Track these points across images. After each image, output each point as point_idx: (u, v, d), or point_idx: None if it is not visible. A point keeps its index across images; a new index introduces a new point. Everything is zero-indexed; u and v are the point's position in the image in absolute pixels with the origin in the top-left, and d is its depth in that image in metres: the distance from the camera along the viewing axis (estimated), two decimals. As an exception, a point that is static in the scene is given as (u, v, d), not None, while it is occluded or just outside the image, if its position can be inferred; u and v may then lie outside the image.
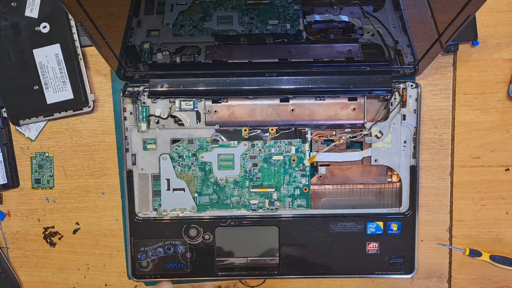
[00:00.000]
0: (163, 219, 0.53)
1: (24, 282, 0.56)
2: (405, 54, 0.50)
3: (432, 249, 0.55)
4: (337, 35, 0.52)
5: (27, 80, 0.52)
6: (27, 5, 0.52)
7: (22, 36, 0.52)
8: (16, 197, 0.56)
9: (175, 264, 0.54)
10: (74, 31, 0.52)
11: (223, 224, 0.53)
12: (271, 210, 0.54)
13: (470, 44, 0.53)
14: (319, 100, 0.53)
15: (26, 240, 0.56)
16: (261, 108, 0.53)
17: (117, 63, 0.48)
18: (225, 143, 0.53)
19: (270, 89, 0.51)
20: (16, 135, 0.55)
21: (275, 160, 0.53)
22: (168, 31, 0.52)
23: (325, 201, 0.54)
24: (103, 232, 0.56)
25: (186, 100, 0.53)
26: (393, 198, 0.54)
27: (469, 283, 0.56)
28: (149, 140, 0.53)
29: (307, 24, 0.52)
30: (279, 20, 0.52)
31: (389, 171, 0.54)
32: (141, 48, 0.52)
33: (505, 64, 0.54)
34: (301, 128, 0.53)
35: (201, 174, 0.54)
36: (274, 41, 0.52)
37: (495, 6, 0.53)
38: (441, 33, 0.43)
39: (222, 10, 0.52)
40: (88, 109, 0.53)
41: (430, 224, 0.55)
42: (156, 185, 0.53)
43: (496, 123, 0.54)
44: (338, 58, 0.51)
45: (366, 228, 0.53)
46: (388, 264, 0.54)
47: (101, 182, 0.55)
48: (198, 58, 0.52)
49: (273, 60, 0.51)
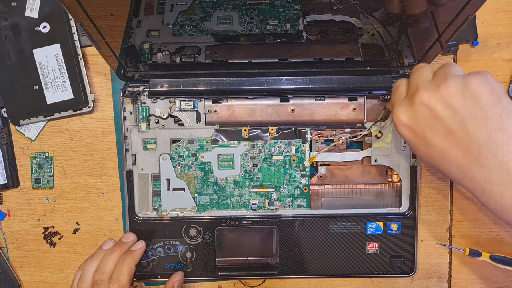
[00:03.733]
0: (163, 219, 0.54)
1: (24, 282, 0.56)
2: (405, 54, 0.50)
3: (432, 249, 0.55)
4: (337, 35, 0.52)
5: (27, 80, 0.52)
6: (27, 5, 0.52)
7: (22, 36, 0.52)
8: (16, 197, 0.56)
9: (175, 264, 0.54)
10: (74, 31, 0.52)
11: (223, 224, 0.53)
12: (271, 210, 0.54)
13: (470, 44, 0.53)
14: (319, 100, 0.53)
15: (26, 240, 0.56)
16: (261, 108, 0.53)
17: (117, 63, 0.48)
18: (225, 143, 0.53)
19: (270, 89, 0.51)
20: (16, 135, 0.55)
21: (275, 160, 0.53)
22: (168, 31, 0.52)
23: (325, 201, 0.54)
24: (103, 232, 0.56)
25: (186, 100, 0.53)
26: (393, 198, 0.54)
27: (469, 283, 0.56)
28: (149, 140, 0.53)
29: (307, 24, 0.52)
30: (279, 20, 0.52)
31: (389, 171, 0.54)
32: (141, 48, 0.52)
33: (505, 64, 0.54)
34: (301, 128, 0.53)
35: (201, 174, 0.54)
36: (274, 41, 0.52)
37: (495, 6, 0.53)
38: (441, 33, 0.43)
39: (222, 10, 0.52)
40: (88, 109, 0.53)
41: (430, 224, 0.55)
42: (156, 185, 0.54)
43: (496, 123, 0.54)
44: (338, 58, 0.51)
45: (366, 228, 0.53)
46: (388, 264, 0.54)
47: (101, 182, 0.55)
48: (198, 58, 0.52)
49: (273, 60, 0.51)
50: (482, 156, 0.37)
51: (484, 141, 0.37)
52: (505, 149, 0.36)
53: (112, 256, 0.49)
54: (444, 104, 0.38)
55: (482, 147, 0.37)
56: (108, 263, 0.49)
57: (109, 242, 0.52)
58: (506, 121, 0.36)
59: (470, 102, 0.37)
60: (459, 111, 0.37)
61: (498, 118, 0.36)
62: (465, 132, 0.37)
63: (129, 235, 0.53)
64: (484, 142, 0.37)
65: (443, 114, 0.38)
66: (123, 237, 0.52)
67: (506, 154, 0.36)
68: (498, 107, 0.37)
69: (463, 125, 0.37)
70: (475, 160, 0.37)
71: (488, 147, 0.36)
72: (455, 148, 0.38)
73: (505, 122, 0.36)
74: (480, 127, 0.37)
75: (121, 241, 0.52)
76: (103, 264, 0.49)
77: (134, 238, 0.52)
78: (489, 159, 0.37)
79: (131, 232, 0.53)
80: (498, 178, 0.37)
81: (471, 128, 0.37)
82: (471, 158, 0.37)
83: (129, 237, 0.52)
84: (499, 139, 0.36)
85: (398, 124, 0.41)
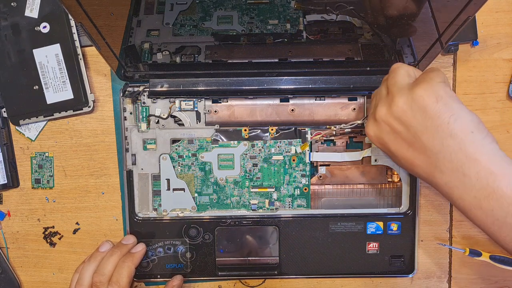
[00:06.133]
0: (163, 219, 0.54)
1: (24, 282, 0.56)
2: (405, 54, 0.50)
3: (432, 249, 0.55)
4: (337, 35, 0.52)
5: (27, 80, 0.52)
6: (27, 5, 0.52)
7: (22, 36, 0.52)
8: (16, 197, 0.56)
9: (175, 264, 0.54)
10: (74, 31, 0.52)
11: (223, 224, 0.53)
12: (271, 210, 0.54)
13: (470, 44, 0.53)
14: (319, 100, 0.53)
15: (26, 240, 0.56)
16: (261, 108, 0.53)
17: (117, 63, 0.48)
18: (225, 143, 0.53)
19: (270, 89, 0.51)
20: (16, 135, 0.55)
21: (275, 160, 0.53)
22: (168, 31, 0.52)
23: (325, 201, 0.54)
24: (103, 232, 0.56)
25: (186, 100, 0.53)
26: (393, 198, 0.54)
27: (469, 283, 0.56)
28: (149, 140, 0.53)
29: (307, 24, 0.52)
30: (279, 20, 0.52)
31: (389, 171, 0.54)
32: (141, 48, 0.52)
33: (505, 64, 0.54)
34: (301, 128, 0.53)
35: (201, 174, 0.54)
36: (274, 41, 0.52)
37: (495, 6, 0.53)
38: (441, 33, 0.43)
39: (222, 9, 0.52)
40: (88, 109, 0.53)
41: (430, 224, 0.55)
42: (156, 185, 0.54)
43: (496, 123, 0.54)
44: (338, 58, 0.51)
45: (366, 228, 0.53)
46: (388, 264, 0.54)
47: (101, 182, 0.55)
48: (198, 58, 0.52)
49: (273, 60, 0.51)
50: (440, 163, 0.38)
51: (439, 149, 0.38)
52: (458, 154, 0.37)
53: (111, 258, 0.49)
54: (397, 120, 0.40)
55: (438, 154, 0.38)
56: (107, 265, 0.49)
57: (106, 244, 0.52)
58: (455, 127, 0.37)
59: (418, 115, 0.38)
60: (411, 124, 0.39)
61: (446, 125, 0.37)
62: (420, 142, 0.39)
63: (129, 237, 0.52)
64: (439, 150, 0.38)
65: (399, 129, 0.40)
66: (123, 239, 0.52)
67: (459, 158, 0.37)
68: (445, 115, 0.37)
69: (417, 137, 0.39)
70: (435, 167, 0.39)
71: (443, 154, 0.38)
72: (417, 158, 0.40)
73: (454, 128, 0.37)
74: (432, 136, 0.38)
75: (121, 243, 0.52)
76: (103, 266, 0.49)
77: (134, 240, 0.52)
78: (446, 165, 0.38)
79: (131, 232, 0.53)
80: (456, 182, 0.38)
81: (425, 139, 0.38)
82: (431, 165, 0.39)
83: (129, 239, 0.52)
84: (451, 145, 0.37)
85: (369, 138, 0.44)
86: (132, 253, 0.51)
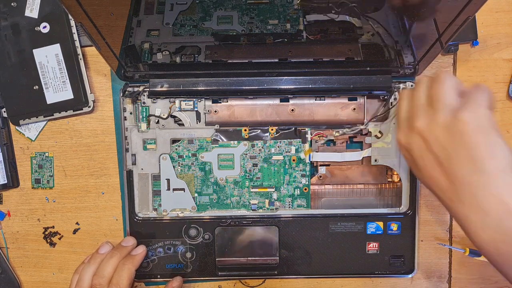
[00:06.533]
0: (163, 219, 0.54)
1: (24, 282, 0.56)
2: (405, 54, 0.50)
3: (432, 249, 0.55)
4: (337, 35, 0.52)
5: (27, 80, 0.52)
6: (27, 5, 0.52)
7: (22, 36, 0.52)
8: (16, 197, 0.56)
9: (175, 264, 0.54)
10: (74, 31, 0.52)
11: (223, 224, 0.53)
12: (271, 210, 0.54)
13: (470, 44, 0.53)
14: (319, 100, 0.53)
15: (26, 240, 0.56)
16: (261, 108, 0.53)
17: (117, 63, 0.48)
18: (225, 143, 0.53)
19: (270, 89, 0.51)
20: (16, 135, 0.55)
21: (275, 160, 0.53)
22: (168, 31, 0.52)
23: (325, 201, 0.54)
24: (103, 232, 0.56)
25: (186, 100, 0.53)
26: (393, 198, 0.54)
27: (469, 283, 0.56)
28: (149, 140, 0.53)
29: (307, 24, 0.52)
30: (279, 20, 0.52)
31: (389, 171, 0.54)
32: (141, 48, 0.52)
33: (505, 64, 0.54)
34: (301, 128, 0.53)
35: (201, 174, 0.54)
36: (274, 41, 0.52)
37: (495, 6, 0.53)
38: (441, 33, 0.43)
39: (222, 9, 0.52)
40: (88, 109, 0.53)
41: (430, 224, 0.55)
42: (156, 185, 0.54)
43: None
44: (338, 58, 0.51)
45: (366, 228, 0.53)
46: (388, 264, 0.54)
47: (101, 182, 0.55)
48: (198, 58, 0.52)
49: (273, 60, 0.51)
50: (464, 193, 0.37)
51: (466, 180, 0.37)
52: (484, 192, 0.36)
53: (111, 260, 0.49)
54: (435, 139, 0.39)
55: (464, 185, 0.37)
56: (107, 267, 0.48)
57: (106, 246, 0.51)
58: (487, 164, 0.36)
59: (456, 140, 0.38)
60: (447, 147, 0.38)
61: (480, 160, 0.37)
62: (450, 167, 0.38)
63: (129, 239, 0.52)
64: (466, 181, 0.37)
65: (433, 147, 0.39)
66: (123, 241, 0.52)
67: (485, 196, 0.36)
68: (481, 148, 0.37)
69: (449, 161, 0.38)
70: (457, 195, 0.38)
71: (469, 186, 0.37)
72: (442, 181, 0.39)
73: (487, 164, 0.36)
74: (463, 166, 0.37)
75: (120, 245, 0.52)
76: (102, 268, 0.48)
77: (134, 242, 0.52)
78: (469, 198, 0.37)
79: (131, 232, 0.53)
80: (475, 218, 0.37)
81: (455, 165, 0.38)
82: (455, 192, 0.38)
83: (129, 241, 0.52)
84: (480, 180, 0.36)
85: (399, 144, 0.44)
86: (133, 255, 0.51)
